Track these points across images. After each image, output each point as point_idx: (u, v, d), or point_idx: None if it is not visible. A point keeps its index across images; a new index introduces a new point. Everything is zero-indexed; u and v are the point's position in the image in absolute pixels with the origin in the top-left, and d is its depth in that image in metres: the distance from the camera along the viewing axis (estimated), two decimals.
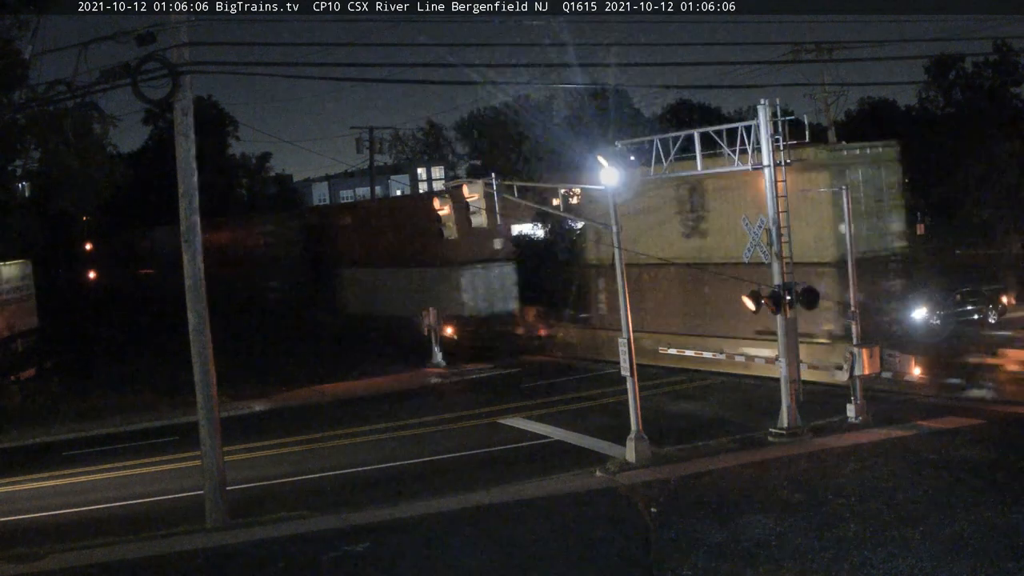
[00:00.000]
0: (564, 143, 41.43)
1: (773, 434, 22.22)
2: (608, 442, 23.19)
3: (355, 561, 16.07)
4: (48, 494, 23.12)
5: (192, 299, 19.10)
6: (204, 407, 19.20)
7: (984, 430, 21.48)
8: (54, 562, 17.09)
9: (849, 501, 16.93)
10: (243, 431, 27.65)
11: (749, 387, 28.98)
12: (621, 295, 22.00)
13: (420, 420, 28.29)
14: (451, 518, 18.11)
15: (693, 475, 19.72)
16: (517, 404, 29.59)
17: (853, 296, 23.89)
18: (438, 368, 36.54)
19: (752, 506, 17.16)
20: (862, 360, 22.90)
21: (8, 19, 31.40)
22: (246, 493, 21.26)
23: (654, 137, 24.53)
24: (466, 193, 23.58)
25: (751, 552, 14.85)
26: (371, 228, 51.73)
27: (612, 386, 27.99)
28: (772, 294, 22.06)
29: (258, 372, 36.47)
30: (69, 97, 20.49)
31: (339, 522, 18.40)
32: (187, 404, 27.53)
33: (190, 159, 19.00)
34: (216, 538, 18.09)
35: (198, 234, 19.15)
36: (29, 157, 37.92)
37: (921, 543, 14.56)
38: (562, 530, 16.89)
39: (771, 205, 22.61)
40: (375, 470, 23.36)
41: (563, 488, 19.78)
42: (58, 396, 34.30)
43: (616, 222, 22.05)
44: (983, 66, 51.54)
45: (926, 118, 52.94)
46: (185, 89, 18.63)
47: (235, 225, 66.09)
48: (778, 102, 22.63)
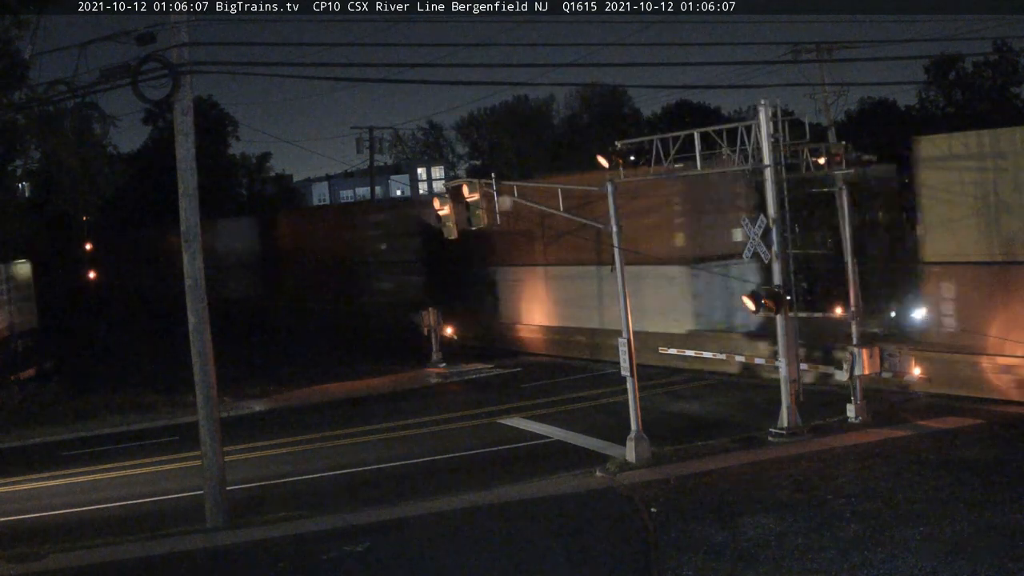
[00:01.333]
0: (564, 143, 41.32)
1: (773, 434, 22.23)
2: (608, 442, 23.19)
3: (355, 561, 16.08)
4: (48, 494, 23.11)
5: (192, 299, 19.11)
6: (204, 407, 19.21)
7: (984, 430, 21.48)
8: (54, 562, 17.10)
9: (849, 501, 16.93)
10: (243, 431, 27.68)
11: (748, 387, 29.00)
12: (621, 295, 21.98)
13: (420, 420, 28.30)
14: (451, 518, 18.12)
15: (693, 475, 19.72)
16: (517, 404, 29.59)
17: (853, 296, 23.89)
18: (438, 368, 36.55)
19: (752, 506, 17.17)
20: (862, 360, 22.92)
21: (8, 19, 31.40)
22: (246, 493, 21.26)
23: (654, 137, 24.52)
24: (466, 193, 23.57)
25: (751, 552, 14.86)
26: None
27: (612, 386, 27.99)
28: (772, 294, 22.08)
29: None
30: (69, 97, 20.53)
31: (339, 522, 18.41)
32: (187, 404, 27.63)
33: (190, 159, 19.01)
34: (216, 538, 18.10)
35: (198, 234, 19.17)
36: (29, 157, 37.98)
37: (921, 543, 14.57)
38: (562, 530, 16.89)
39: (771, 205, 22.61)
40: (375, 470, 23.36)
41: (563, 488, 19.78)
42: (58, 396, 34.28)
43: (616, 222, 22.04)
44: (983, 66, 51.63)
45: (926, 118, 52.98)
46: (185, 89, 18.64)
47: (330, 217, 61.79)
48: (778, 102, 22.65)
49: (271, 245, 61.29)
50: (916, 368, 23.88)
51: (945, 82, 55.03)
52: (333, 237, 55.01)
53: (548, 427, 26.22)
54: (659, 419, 25.06)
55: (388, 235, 49.68)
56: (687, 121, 47.58)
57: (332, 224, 59.02)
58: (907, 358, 24.04)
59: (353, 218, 55.78)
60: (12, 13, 31.39)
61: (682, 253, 33.00)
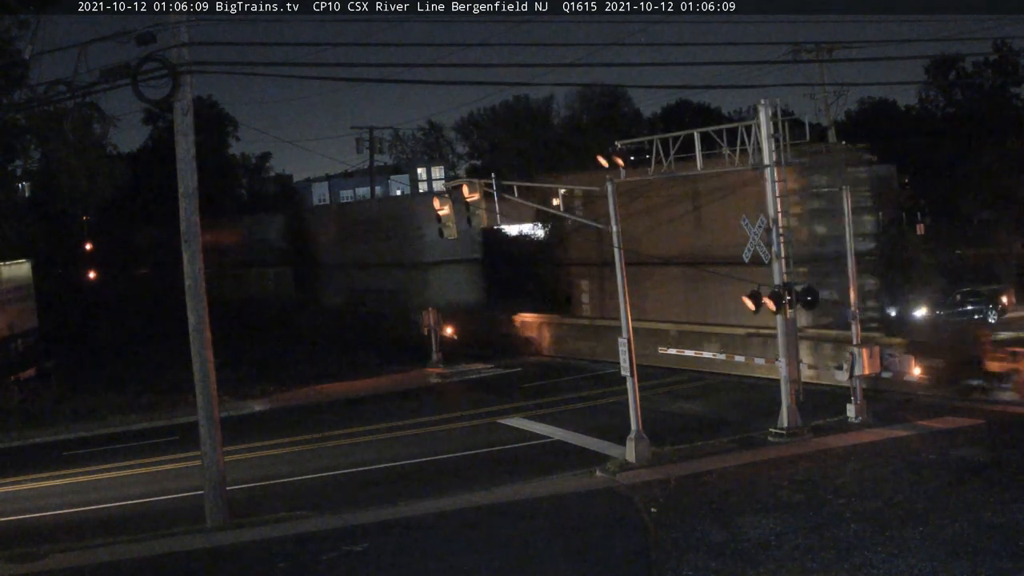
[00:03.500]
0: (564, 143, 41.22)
1: (773, 434, 22.22)
2: (608, 442, 23.18)
3: (355, 561, 16.06)
4: (48, 494, 23.11)
5: (192, 299, 19.11)
6: (204, 407, 19.20)
7: (984, 430, 21.48)
8: (54, 562, 17.08)
9: (849, 501, 16.93)
10: (243, 431, 27.67)
11: (748, 386, 28.99)
12: (621, 295, 21.98)
13: (420, 420, 28.30)
14: (451, 518, 18.11)
15: (693, 475, 19.72)
16: (517, 404, 29.61)
17: (853, 295, 23.89)
18: (438, 368, 36.55)
19: (752, 506, 17.16)
20: (862, 360, 22.92)
21: (8, 19, 31.43)
22: (246, 493, 21.26)
23: (654, 137, 24.52)
24: (466, 193, 23.57)
25: (751, 552, 14.85)
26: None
27: (612, 386, 27.99)
28: (773, 294, 22.06)
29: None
30: (69, 97, 20.47)
31: (339, 522, 18.40)
32: (187, 404, 27.62)
33: (190, 159, 19.00)
34: (216, 538, 18.09)
35: (198, 234, 19.16)
36: (29, 157, 37.99)
37: (921, 543, 14.56)
38: (562, 530, 16.88)
39: (771, 205, 22.60)
40: (375, 470, 23.36)
41: (563, 488, 19.78)
42: (58, 396, 34.29)
43: (616, 222, 22.04)
44: (983, 66, 51.64)
45: (926, 118, 52.99)
46: (185, 89, 18.63)
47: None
48: (778, 102, 22.64)
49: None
50: (916, 368, 23.89)
51: (945, 82, 55.01)
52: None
53: (548, 427, 26.22)
54: (659, 419, 25.07)
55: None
56: (687, 121, 47.57)
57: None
58: (907, 358, 24.06)
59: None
60: (12, 13, 31.41)
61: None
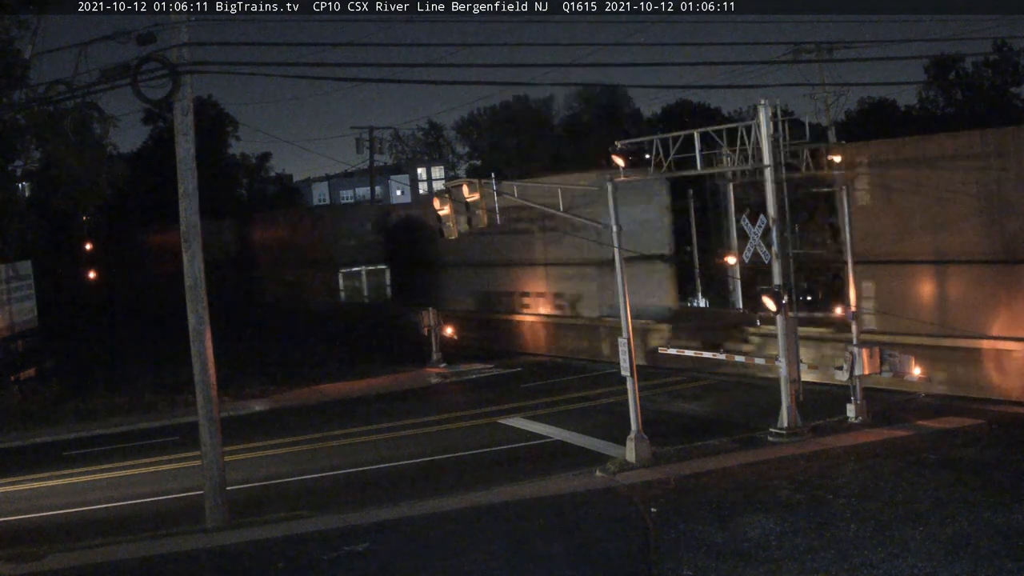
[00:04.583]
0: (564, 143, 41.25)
1: (773, 434, 22.22)
2: (608, 442, 23.18)
3: (355, 561, 16.06)
4: (48, 494, 23.11)
5: (192, 299, 19.11)
6: (204, 407, 19.21)
7: (984, 430, 21.49)
8: (54, 562, 17.09)
9: (849, 501, 16.93)
10: (243, 431, 27.67)
11: (747, 387, 28.99)
12: (621, 295, 21.98)
13: (420, 420, 28.29)
14: (451, 518, 18.11)
15: (693, 475, 19.72)
16: (517, 404, 29.59)
17: (854, 295, 23.89)
18: (438, 368, 36.55)
19: (752, 506, 17.16)
20: (862, 360, 22.91)
21: (8, 19, 31.42)
22: (246, 493, 21.26)
23: (654, 137, 24.53)
24: (466, 193, 23.57)
25: (751, 552, 14.85)
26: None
27: (612, 386, 27.99)
28: (772, 293, 22.07)
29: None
30: (69, 97, 20.52)
31: (339, 522, 18.41)
32: (187, 404, 27.63)
33: (190, 159, 19.00)
34: (216, 538, 18.09)
35: (198, 234, 19.17)
36: (29, 157, 37.94)
37: (921, 543, 14.56)
38: (562, 530, 16.88)
39: (771, 205, 22.61)
40: (375, 470, 23.36)
41: (563, 488, 19.77)
42: (58, 396, 34.31)
43: (616, 222, 22.04)
44: (983, 66, 51.64)
45: (926, 118, 52.99)
46: (185, 89, 18.64)
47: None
48: (778, 102, 22.65)
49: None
50: (916, 368, 23.87)
51: (945, 82, 55.02)
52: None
53: (548, 427, 26.22)
54: (659, 419, 25.07)
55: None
56: (687, 121, 47.57)
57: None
58: (907, 358, 24.05)
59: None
60: (12, 13, 31.41)
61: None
